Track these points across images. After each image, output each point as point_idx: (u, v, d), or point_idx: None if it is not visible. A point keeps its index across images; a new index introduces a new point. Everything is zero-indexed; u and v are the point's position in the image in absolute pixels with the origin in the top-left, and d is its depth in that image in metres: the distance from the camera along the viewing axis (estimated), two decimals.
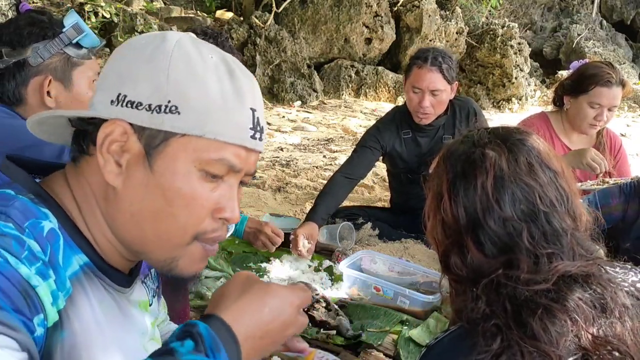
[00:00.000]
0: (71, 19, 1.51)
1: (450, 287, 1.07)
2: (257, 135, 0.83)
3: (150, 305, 0.99)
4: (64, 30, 1.50)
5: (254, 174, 0.87)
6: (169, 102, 0.77)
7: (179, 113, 0.77)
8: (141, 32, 6.73)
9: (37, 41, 1.48)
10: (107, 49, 6.26)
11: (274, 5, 7.58)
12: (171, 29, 7.09)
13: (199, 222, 0.81)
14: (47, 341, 0.73)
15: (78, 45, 1.53)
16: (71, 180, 0.84)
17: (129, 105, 0.77)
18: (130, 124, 0.77)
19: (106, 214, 0.83)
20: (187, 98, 0.77)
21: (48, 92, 1.52)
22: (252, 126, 0.81)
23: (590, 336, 0.88)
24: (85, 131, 0.82)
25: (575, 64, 2.78)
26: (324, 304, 1.94)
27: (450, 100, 2.80)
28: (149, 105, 0.77)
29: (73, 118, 0.83)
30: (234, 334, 0.70)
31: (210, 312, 0.72)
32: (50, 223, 0.77)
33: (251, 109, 0.82)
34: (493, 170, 1.00)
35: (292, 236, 2.44)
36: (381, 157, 2.94)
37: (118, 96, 0.78)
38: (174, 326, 1.18)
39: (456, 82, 2.74)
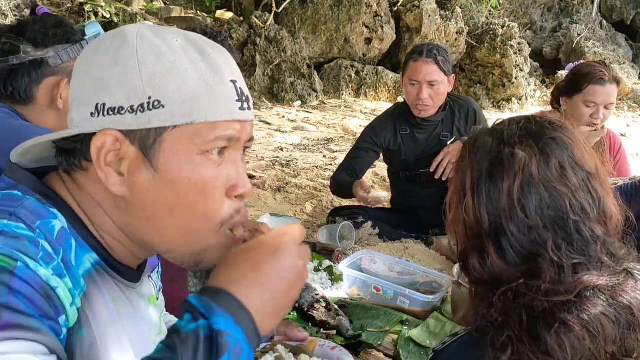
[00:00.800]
0: (94, 29, 1.61)
1: (470, 287, 1.02)
2: (245, 105, 0.81)
3: (157, 299, 1.00)
4: (85, 37, 1.58)
5: (252, 139, 0.86)
6: (150, 98, 0.75)
7: (162, 106, 0.75)
8: None
9: (60, 43, 1.54)
10: None
11: (274, 5, 7.57)
12: None
13: (218, 206, 0.79)
14: (68, 340, 0.74)
15: None
16: (70, 188, 0.82)
17: (110, 112, 0.75)
18: (119, 131, 0.76)
19: (120, 223, 0.82)
20: (166, 89, 0.75)
21: (60, 94, 1.56)
22: (237, 98, 0.80)
23: (608, 355, 0.85)
24: (74, 149, 0.80)
25: (570, 66, 2.80)
26: (324, 304, 1.94)
27: (449, 98, 2.81)
28: (131, 107, 0.75)
29: (57, 140, 0.81)
30: (226, 291, 0.67)
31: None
32: (60, 222, 0.77)
33: (231, 81, 0.80)
34: (521, 174, 0.94)
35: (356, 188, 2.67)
36: (382, 156, 2.97)
37: (97, 107, 0.76)
38: (173, 317, 1.18)
39: (453, 75, 2.76)
